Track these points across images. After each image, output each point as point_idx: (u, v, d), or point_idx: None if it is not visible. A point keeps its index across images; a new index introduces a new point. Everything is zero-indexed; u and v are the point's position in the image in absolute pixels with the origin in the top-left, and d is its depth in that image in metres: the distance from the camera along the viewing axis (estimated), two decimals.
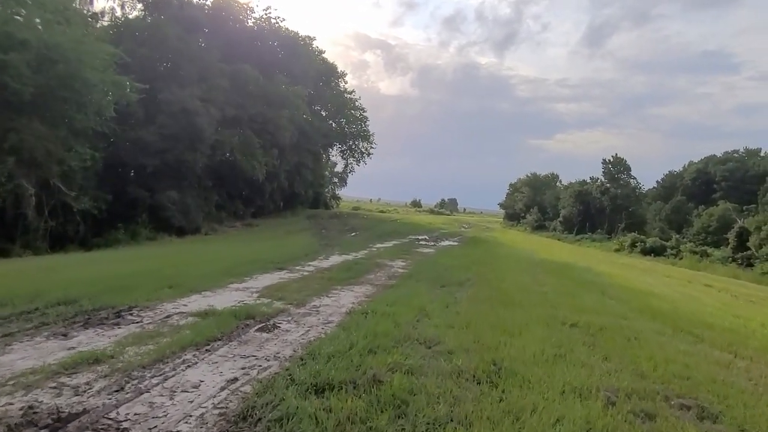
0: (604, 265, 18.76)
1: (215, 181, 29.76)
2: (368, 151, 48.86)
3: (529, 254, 19.32)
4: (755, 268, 36.64)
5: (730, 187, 70.69)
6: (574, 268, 14.95)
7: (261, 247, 16.90)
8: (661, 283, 14.64)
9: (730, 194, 68.50)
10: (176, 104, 24.82)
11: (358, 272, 11.13)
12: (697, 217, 65.68)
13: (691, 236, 59.79)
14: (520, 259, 16.57)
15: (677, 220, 65.96)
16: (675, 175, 79.61)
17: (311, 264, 12.35)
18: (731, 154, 76.96)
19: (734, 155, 76.72)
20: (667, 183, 78.41)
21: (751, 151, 76.68)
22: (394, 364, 4.82)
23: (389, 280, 10.53)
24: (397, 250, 16.73)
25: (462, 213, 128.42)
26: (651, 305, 9.29)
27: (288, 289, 8.83)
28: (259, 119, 30.85)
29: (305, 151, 37.60)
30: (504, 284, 10.10)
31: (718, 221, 59.80)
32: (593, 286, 11.01)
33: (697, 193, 73.20)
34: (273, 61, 34.77)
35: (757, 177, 68.63)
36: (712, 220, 60.57)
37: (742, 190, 68.81)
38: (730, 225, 59.01)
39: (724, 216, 60.34)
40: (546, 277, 11.81)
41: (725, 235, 56.67)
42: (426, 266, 12.52)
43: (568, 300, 8.81)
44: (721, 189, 71.11)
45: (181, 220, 24.85)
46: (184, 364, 4.82)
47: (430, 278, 10.45)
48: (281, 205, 40.85)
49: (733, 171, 71.92)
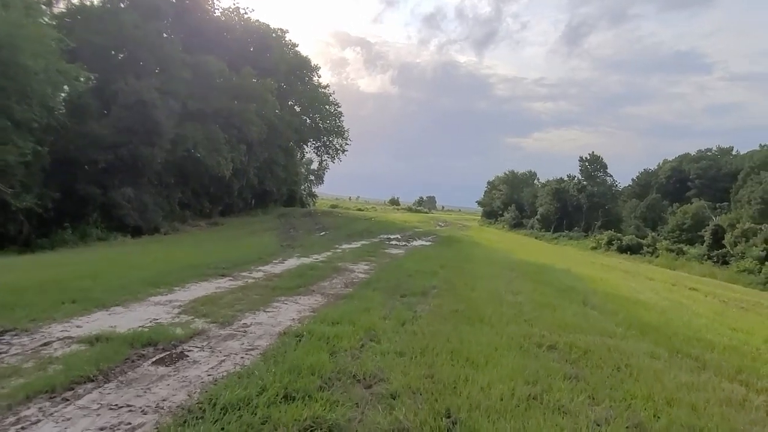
0: (583, 267, 17.71)
1: (178, 178, 28.06)
2: (343, 148, 47.37)
3: (504, 255, 18.19)
4: (730, 266, 36.35)
5: (704, 185, 71.16)
6: (552, 271, 13.83)
7: (214, 248, 15.44)
8: (646, 287, 13.60)
9: (704, 192, 68.94)
10: (132, 95, 23.10)
11: (311, 279, 9.79)
12: (671, 215, 65.86)
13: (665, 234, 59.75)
14: (495, 261, 15.39)
15: (652, 217, 66.02)
16: (650, 173, 79.91)
17: (261, 269, 10.97)
18: (704, 153, 77.55)
19: (707, 153, 77.32)
20: (642, 181, 78.65)
21: (724, 150, 77.36)
22: (312, 420, 3.52)
23: (344, 288, 9.22)
24: (364, 252, 15.42)
25: (440, 211, 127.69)
26: (640, 317, 8.15)
27: (220, 302, 7.46)
28: (225, 113, 29.24)
29: (276, 147, 36.01)
30: (474, 293, 8.87)
31: (692, 219, 59.90)
32: (574, 293, 9.87)
33: (672, 190, 73.52)
34: (241, 54, 33.13)
35: (729, 175, 69.24)
36: (686, 217, 60.66)
37: (715, 188, 69.33)
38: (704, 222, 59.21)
39: (698, 213, 60.52)
40: (522, 282, 10.63)
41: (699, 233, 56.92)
42: (390, 271, 11.24)
43: (546, 313, 7.60)
44: (695, 187, 71.54)
45: (137, 219, 23.14)
46: (18, 426, 3.44)
47: (390, 286, 9.17)
48: (252, 202, 39.23)
49: (707, 169, 72.43)
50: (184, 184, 28.91)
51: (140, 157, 23.21)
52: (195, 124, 27.54)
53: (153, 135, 23.76)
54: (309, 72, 41.40)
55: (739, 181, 64.07)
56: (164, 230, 24.47)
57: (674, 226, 60.30)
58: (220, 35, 31.90)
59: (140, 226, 23.22)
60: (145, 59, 25.10)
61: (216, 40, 31.27)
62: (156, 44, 25.87)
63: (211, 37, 30.75)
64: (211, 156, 27.43)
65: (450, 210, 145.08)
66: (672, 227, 60.47)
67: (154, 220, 24.18)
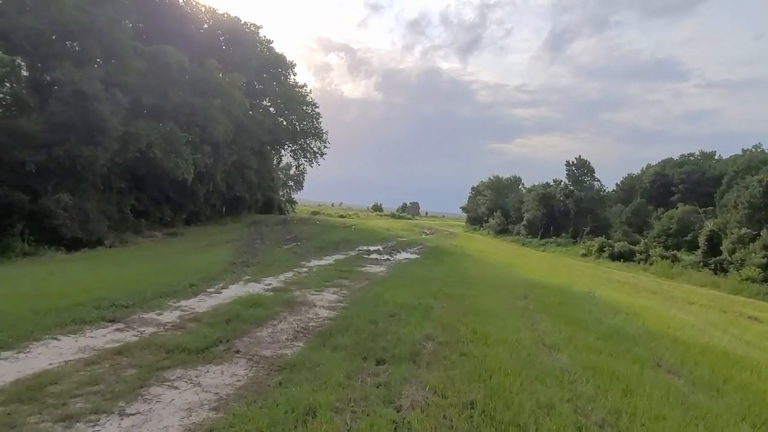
0: (601, 286, 14.53)
1: (131, 183, 24.37)
2: (321, 151, 43.82)
3: (506, 272, 14.93)
4: (730, 275, 33.71)
5: (688, 189, 69.58)
6: (574, 298, 10.62)
7: (146, 268, 11.96)
8: (702, 320, 10.37)
9: (688, 196, 67.27)
10: (69, 86, 19.48)
11: (244, 325, 6.43)
12: (656, 220, 63.86)
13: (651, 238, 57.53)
14: (499, 282, 12.13)
15: (637, 222, 63.96)
16: (634, 177, 78.23)
17: (182, 305, 7.57)
18: (687, 157, 76.08)
19: (690, 158, 75.87)
20: (626, 186, 76.86)
21: (706, 154, 76.04)
22: None
23: (290, 342, 5.88)
24: (335, 271, 12.06)
25: (423, 217, 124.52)
26: (747, 386, 5.06)
27: (49, 391, 4.08)
28: (187, 110, 25.66)
29: (246, 149, 32.42)
30: (489, 350, 5.59)
31: (678, 223, 58.05)
32: (627, 341, 6.68)
33: (656, 195, 71.75)
34: (207, 45, 29.62)
35: (713, 179, 67.80)
36: (672, 222, 58.77)
37: (699, 192, 67.73)
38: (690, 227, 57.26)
39: (684, 218, 58.66)
40: (549, 324, 7.40)
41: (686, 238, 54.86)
42: (365, 305, 7.90)
43: (616, 398, 4.38)
44: (679, 191, 69.86)
45: (75, 230, 19.44)
46: None
47: (361, 339, 5.84)
48: (223, 210, 35.55)
49: (690, 173, 70.89)
50: (140, 190, 25.21)
51: (79, 158, 19.55)
52: (150, 121, 23.95)
53: (96, 132, 20.13)
54: (284, 70, 37.91)
55: (723, 186, 62.57)
56: (109, 242, 20.78)
57: (660, 231, 58.29)
58: (182, 25, 28.34)
59: (79, 237, 19.54)
60: (88, 45, 21.46)
61: (178, 30, 27.72)
62: (104, 30, 22.24)
63: (171, 26, 27.20)
64: (168, 157, 23.83)
65: (434, 216, 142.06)
66: (658, 232, 58.43)
67: (98, 231, 20.47)
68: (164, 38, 25.99)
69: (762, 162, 62.52)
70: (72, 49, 21.72)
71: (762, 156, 66.23)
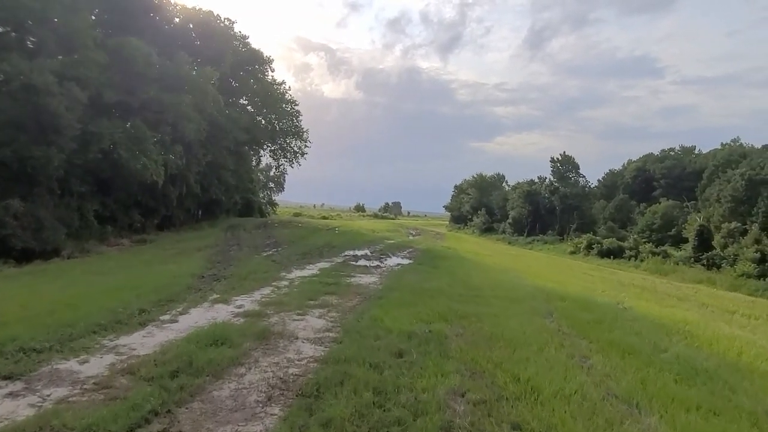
0: (622, 293, 12.80)
1: (94, 187, 22.08)
2: (302, 151, 41.62)
3: (511, 278, 13.12)
4: (724, 270, 32.63)
5: (669, 184, 69.32)
6: (605, 311, 8.88)
7: (94, 287, 9.88)
8: (757, 333, 8.86)
9: (670, 191, 67.03)
10: (17, 79, 17.21)
11: (190, 386, 4.49)
12: (639, 215, 63.27)
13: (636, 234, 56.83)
14: (511, 294, 10.25)
15: (620, 218, 63.33)
16: (615, 173, 77.73)
17: (116, 347, 5.61)
18: (668, 153, 75.80)
19: (671, 153, 75.57)
20: (608, 182, 76.30)
21: (687, 149, 75.82)
22: None
23: (250, 423, 4.00)
24: (319, 285, 10.16)
25: (406, 216, 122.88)
26: None
27: None
28: (155, 107, 23.41)
29: (222, 149, 30.19)
30: (551, 420, 3.82)
31: (662, 218, 57.50)
32: (713, 381, 5.02)
33: (638, 190, 71.29)
34: (177, 39, 27.35)
35: (694, 174, 67.52)
36: (655, 217, 58.19)
37: (680, 187, 67.49)
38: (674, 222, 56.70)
39: (667, 213, 58.13)
40: (600, 356, 5.65)
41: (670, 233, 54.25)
42: (359, 341, 5.95)
43: None
44: (660, 186, 69.53)
45: (27, 240, 17.14)
46: None
47: (359, 408, 3.97)
48: (199, 214, 33.22)
49: (671, 168, 70.57)
50: (105, 194, 22.90)
51: (30, 160, 17.30)
52: (114, 119, 21.70)
53: (48, 131, 17.89)
54: (261, 66, 35.70)
55: (704, 180, 62.26)
56: (67, 252, 18.48)
57: (644, 226, 57.65)
58: (150, 17, 26.02)
59: (32, 248, 17.26)
60: (40, 35, 19.17)
61: (145, 22, 25.40)
62: (60, 19, 19.96)
63: (138, 18, 24.86)
64: (135, 158, 21.60)
65: (416, 215, 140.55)
66: (642, 227, 57.79)
67: (54, 240, 18.19)
68: (130, 31, 23.68)
69: (741, 156, 62.31)
70: (22, 40, 19.39)
71: (740, 150, 66.16)
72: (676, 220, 55.99)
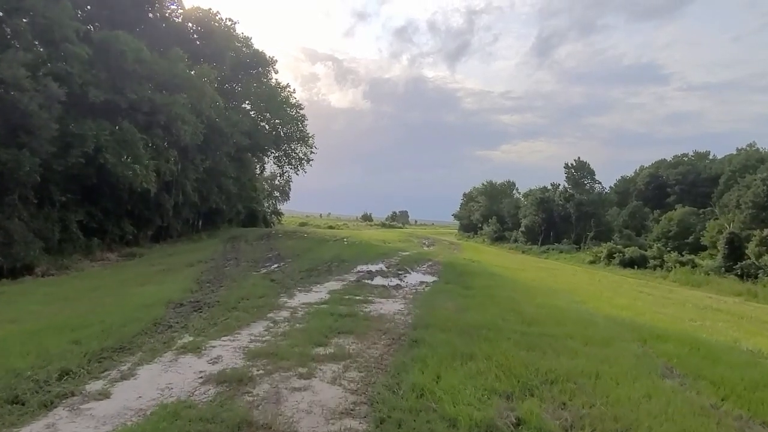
0: (716, 322, 10.16)
1: (79, 195, 19.65)
2: (308, 157, 39.15)
3: (574, 305, 10.14)
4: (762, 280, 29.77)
5: (684, 190, 66.47)
6: (744, 364, 6.15)
7: (38, 323, 7.36)
8: None
9: (684, 198, 64.22)
10: None
11: None
12: (654, 222, 60.50)
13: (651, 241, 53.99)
14: (590, 332, 7.34)
15: (634, 225, 60.56)
16: (628, 179, 74.97)
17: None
18: (681, 158, 73.03)
19: (684, 159, 72.80)
20: (620, 188, 73.53)
21: (700, 155, 73.01)
22: None
23: None
24: (331, 320, 7.55)
25: (414, 225, 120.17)
26: None
27: None
28: (146, 107, 21.00)
29: (222, 155, 27.75)
30: None
31: (678, 225, 54.74)
32: None
33: (652, 197, 68.56)
34: (173, 36, 25.03)
35: (709, 180, 64.66)
36: (671, 224, 55.41)
37: (695, 193, 64.72)
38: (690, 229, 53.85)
39: (683, 220, 55.41)
40: None
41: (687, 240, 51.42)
42: None
43: None
44: (674, 193, 66.74)
45: None
46: None
47: None
48: (198, 224, 30.75)
49: (686, 174, 67.70)
50: (91, 203, 20.45)
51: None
52: (100, 120, 19.29)
53: (19, 131, 15.49)
54: (264, 67, 33.36)
55: (721, 186, 59.45)
56: (42, 269, 16.00)
57: (659, 234, 54.91)
58: (142, 11, 23.73)
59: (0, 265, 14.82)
60: (15, 26, 16.84)
61: (136, 16, 23.16)
62: (37, 8, 17.65)
63: (129, 11, 22.58)
64: (123, 164, 19.19)
65: (424, 224, 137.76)
66: (657, 235, 55.06)
67: (26, 256, 15.71)
68: (120, 26, 21.43)
69: (759, 161, 59.53)
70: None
71: (758, 155, 63.30)
72: (693, 227, 53.18)
